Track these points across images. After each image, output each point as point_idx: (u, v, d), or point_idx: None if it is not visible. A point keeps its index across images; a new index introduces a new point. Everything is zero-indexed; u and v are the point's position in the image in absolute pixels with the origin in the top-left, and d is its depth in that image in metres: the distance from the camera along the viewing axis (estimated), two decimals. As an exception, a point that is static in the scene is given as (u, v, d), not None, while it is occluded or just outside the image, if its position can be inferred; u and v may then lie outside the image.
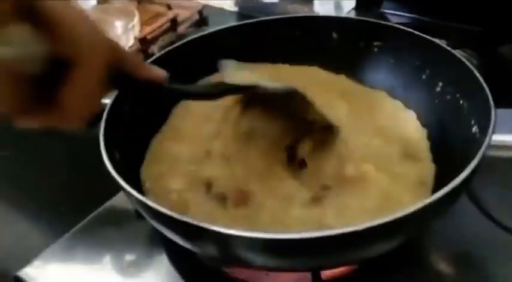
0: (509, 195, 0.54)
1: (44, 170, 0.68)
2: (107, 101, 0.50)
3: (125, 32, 0.83)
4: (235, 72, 0.49)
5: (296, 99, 0.47)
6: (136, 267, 0.52)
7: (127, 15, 0.85)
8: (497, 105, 0.44)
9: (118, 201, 0.58)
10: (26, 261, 0.53)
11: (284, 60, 0.63)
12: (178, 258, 0.52)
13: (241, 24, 0.63)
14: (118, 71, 0.36)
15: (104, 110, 0.48)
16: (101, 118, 0.47)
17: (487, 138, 0.39)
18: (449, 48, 0.52)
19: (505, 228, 0.50)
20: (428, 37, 0.55)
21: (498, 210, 0.52)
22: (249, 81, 0.47)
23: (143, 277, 0.51)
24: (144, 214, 0.42)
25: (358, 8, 0.87)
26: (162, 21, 0.90)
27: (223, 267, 0.50)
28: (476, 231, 0.51)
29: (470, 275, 0.48)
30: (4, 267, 0.55)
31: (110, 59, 0.33)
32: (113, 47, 0.35)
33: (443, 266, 0.49)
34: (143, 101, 0.53)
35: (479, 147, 0.39)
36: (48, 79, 0.31)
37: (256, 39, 0.62)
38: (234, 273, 0.49)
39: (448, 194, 0.36)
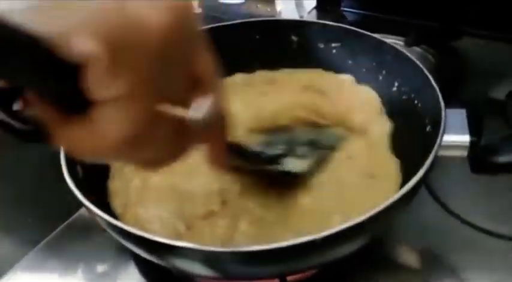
0: (467, 191, 0.56)
1: (10, 182, 0.67)
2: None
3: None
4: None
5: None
6: (108, 277, 0.52)
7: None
8: (452, 101, 0.46)
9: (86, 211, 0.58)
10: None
11: (246, 63, 0.63)
12: (147, 267, 0.52)
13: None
14: None
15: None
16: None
17: (438, 140, 0.40)
18: (402, 49, 0.53)
19: (465, 222, 0.52)
20: (381, 39, 0.56)
21: (457, 206, 0.54)
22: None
23: (115, 287, 0.51)
24: (111, 233, 0.42)
25: (318, 7, 0.88)
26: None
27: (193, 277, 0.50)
28: (437, 226, 0.53)
29: (432, 268, 0.50)
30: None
31: None
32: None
33: (406, 260, 0.51)
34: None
35: (431, 149, 0.40)
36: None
37: (217, 43, 0.62)
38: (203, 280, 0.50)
39: (405, 195, 0.38)
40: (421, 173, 0.38)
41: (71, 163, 0.44)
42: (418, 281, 0.49)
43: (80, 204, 0.57)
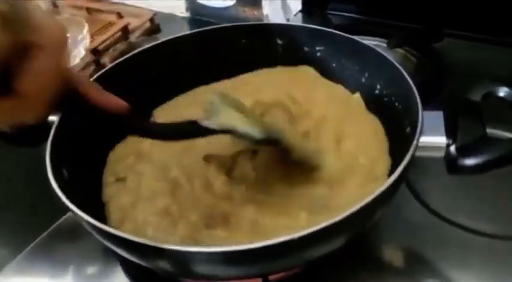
0: (448, 191, 0.57)
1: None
2: (55, 117, 0.50)
3: (74, 44, 0.83)
4: (220, 110, 0.45)
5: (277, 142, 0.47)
6: (98, 279, 0.53)
7: (76, 27, 0.85)
8: (432, 102, 0.46)
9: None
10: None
11: (233, 67, 0.64)
12: (133, 269, 0.52)
13: (187, 34, 0.64)
14: (71, 89, 0.37)
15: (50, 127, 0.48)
16: (48, 135, 0.47)
17: (415, 142, 0.41)
18: (384, 53, 0.53)
19: (446, 220, 0.54)
20: (363, 41, 0.56)
21: (439, 205, 0.55)
22: (225, 126, 0.44)
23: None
24: (94, 234, 0.42)
25: (304, 10, 0.88)
26: (113, 31, 0.90)
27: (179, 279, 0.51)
28: (420, 225, 0.54)
29: (414, 266, 0.51)
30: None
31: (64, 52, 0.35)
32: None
33: (389, 259, 0.52)
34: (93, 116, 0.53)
35: (408, 150, 0.41)
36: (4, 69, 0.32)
37: (203, 47, 0.64)
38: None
39: (382, 194, 0.38)
40: (397, 173, 0.39)
41: (56, 165, 0.45)
42: (401, 278, 0.50)
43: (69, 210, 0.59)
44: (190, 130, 0.44)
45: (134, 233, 0.46)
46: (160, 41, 0.63)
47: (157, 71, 0.61)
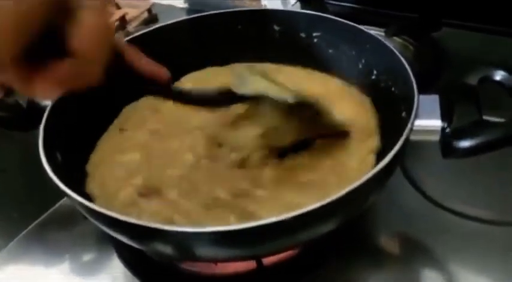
0: (443, 177, 0.57)
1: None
2: (48, 101, 0.50)
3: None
4: (250, 80, 0.46)
5: (308, 108, 0.47)
6: (94, 265, 0.53)
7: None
8: (430, 88, 0.46)
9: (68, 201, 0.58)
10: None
11: (228, 53, 0.64)
12: (128, 255, 0.52)
13: (184, 20, 0.64)
14: (118, 59, 0.37)
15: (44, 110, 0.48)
16: (41, 119, 0.47)
17: (409, 124, 0.41)
18: (380, 38, 0.53)
19: (441, 206, 0.54)
20: (361, 27, 0.56)
21: (434, 191, 0.55)
22: (257, 91, 0.45)
23: (99, 276, 0.52)
24: (88, 216, 0.42)
25: (301, 0, 0.88)
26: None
27: (173, 262, 0.50)
28: (415, 211, 0.54)
29: (410, 252, 0.51)
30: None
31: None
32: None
33: (385, 245, 0.52)
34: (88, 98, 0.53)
35: (402, 133, 0.41)
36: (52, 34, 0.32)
37: (200, 34, 0.64)
38: (184, 266, 0.50)
39: (375, 176, 0.38)
40: (391, 154, 0.38)
41: (50, 149, 0.44)
42: (397, 264, 0.50)
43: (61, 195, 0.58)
44: (224, 97, 0.45)
45: (98, 187, 0.48)
46: (155, 27, 0.62)
47: (153, 57, 0.61)
